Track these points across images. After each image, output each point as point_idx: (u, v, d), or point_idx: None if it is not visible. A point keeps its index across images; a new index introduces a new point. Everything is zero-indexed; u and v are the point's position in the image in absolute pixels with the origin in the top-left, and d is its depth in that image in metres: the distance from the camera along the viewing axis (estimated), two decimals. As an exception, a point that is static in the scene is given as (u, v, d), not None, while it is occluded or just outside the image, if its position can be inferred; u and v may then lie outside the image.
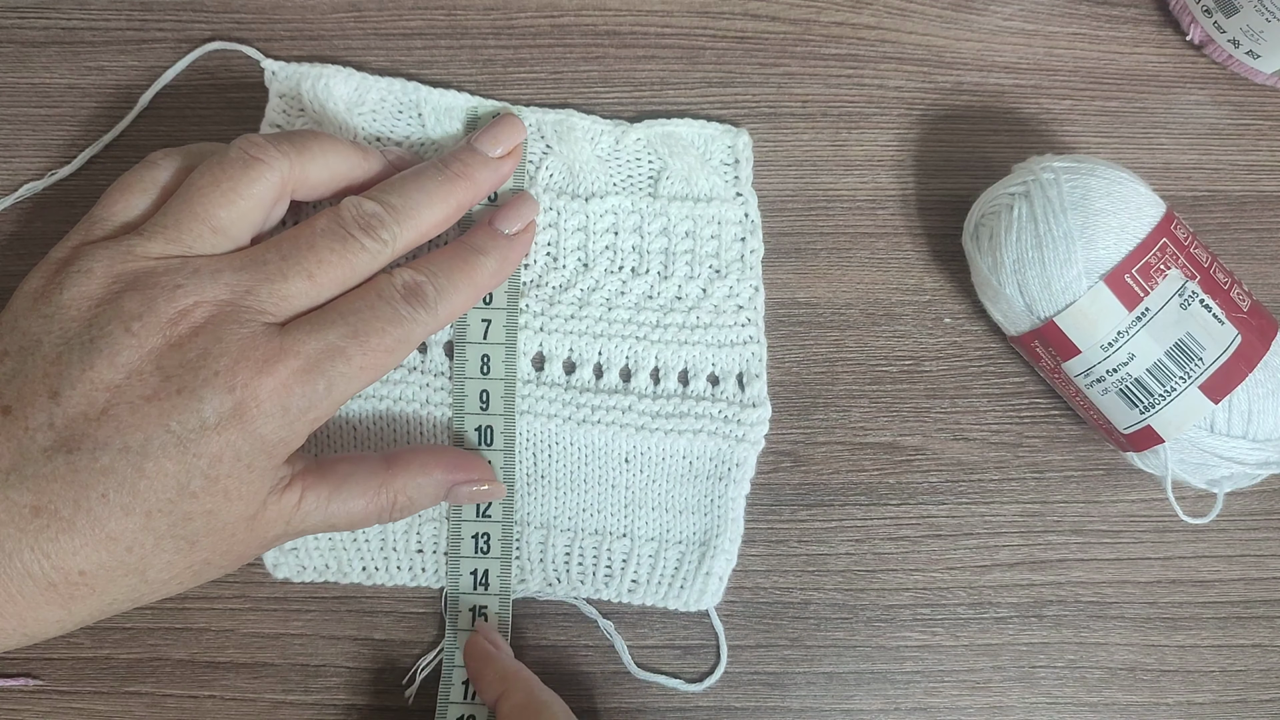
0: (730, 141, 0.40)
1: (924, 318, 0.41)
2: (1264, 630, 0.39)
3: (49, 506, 0.27)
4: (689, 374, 0.39)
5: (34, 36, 0.41)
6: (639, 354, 0.39)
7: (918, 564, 0.39)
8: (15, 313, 0.30)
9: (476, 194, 0.36)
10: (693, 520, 0.38)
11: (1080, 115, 0.43)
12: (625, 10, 0.42)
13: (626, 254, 0.39)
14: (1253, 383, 0.35)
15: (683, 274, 0.39)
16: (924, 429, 0.40)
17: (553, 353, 0.38)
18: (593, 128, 0.39)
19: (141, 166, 0.33)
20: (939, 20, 0.43)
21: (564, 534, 0.38)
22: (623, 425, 0.38)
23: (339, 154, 0.34)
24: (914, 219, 0.41)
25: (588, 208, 0.39)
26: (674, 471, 0.38)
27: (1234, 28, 0.41)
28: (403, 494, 0.34)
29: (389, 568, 0.37)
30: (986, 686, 0.38)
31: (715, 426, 0.38)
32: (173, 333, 0.29)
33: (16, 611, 0.28)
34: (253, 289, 0.30)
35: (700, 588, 0.38)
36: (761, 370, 0.39)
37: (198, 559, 0.30)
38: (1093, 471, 0.40)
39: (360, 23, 0.42)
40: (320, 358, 0.30)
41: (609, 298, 0.39)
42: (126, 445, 0.28)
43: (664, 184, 0.40)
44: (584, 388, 0.38)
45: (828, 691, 0.38)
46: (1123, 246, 0.35)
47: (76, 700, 0.37)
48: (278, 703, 0.37)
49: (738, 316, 0.39)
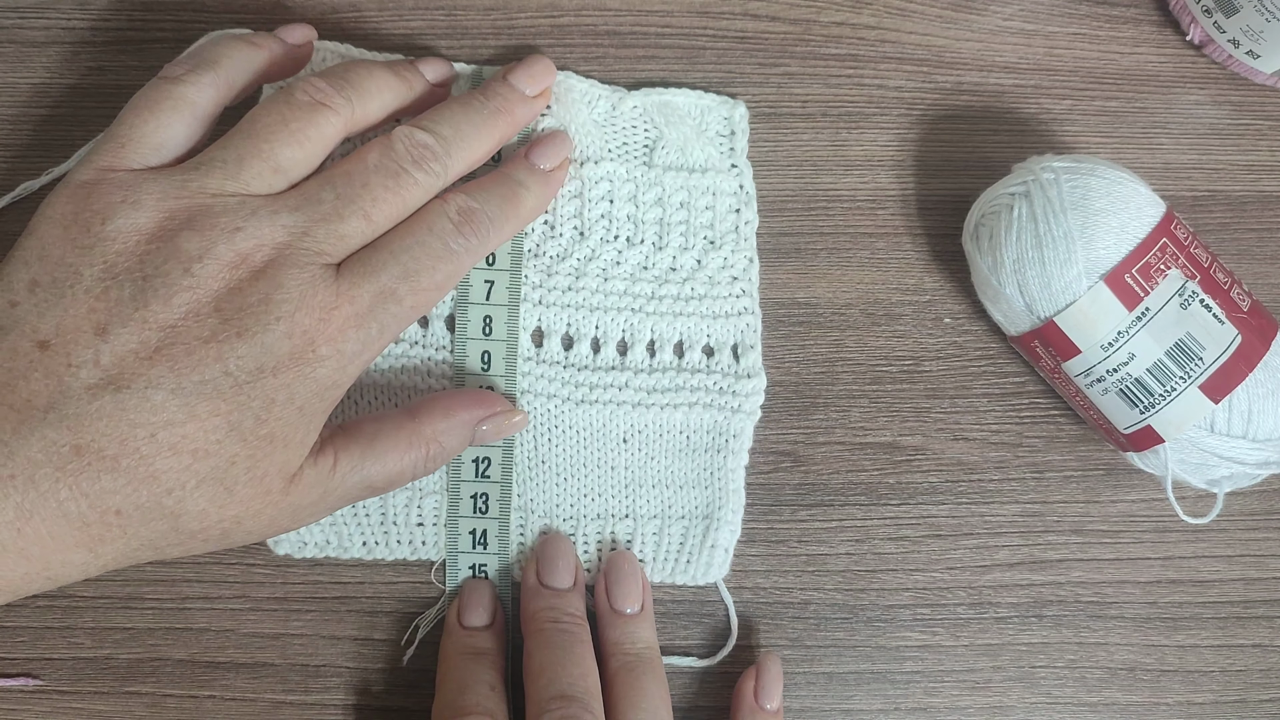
0: (726, 113, 0.41)
1: (924, 318, 0.41)
2: (1264, 630, 0.39)
3: (92, 445, 0.27)
4: (684, 345, 0.39)
5: (34, 36, 0.41)
6: (635, 326, 0.39)
7: (918, 564, 0.39)
8: (42, 240, 0.29)
9: (515, 129, 0.36)
10: (694, 494, 0.38)
11: (1080, 115, 0.43)
12: (625, 10, 0.42)
13: (621, 223, 0.39)
14: (1253, 383, 0.35)
15: (677, 245, 0.39)
16: (924, 429, 0.40)
17: (551, 327, 0.38)
18: (590, 91, 0.40)
19: (165, 82, 0.32)
20: (939, 20, 0.43)
21: (567, 522, 0.38)
22: (619, 403, 0.38)
23: (391, 89, 0.35)
24: (914, 219, 0.41)
25: (583, 173, 0.39)
26: (672, 447, 0.38)
27: (1234, 28, 0.41)
28: (435, 442, 0.34)
29: (389, 542, 0.37)
30: (986, 686, 0.38)
31: (711, 399, 0.38)
32: (232, 276, 0.29)
33: (44, 554, 0.27)
34: (310, 230, 0.30)
35: (707, 560, 0.38)
36: (756, 341, 0.39)
37: (229, 514, 0.29)
38: (1093, 471, 0.40)
39: (360, 23, 0.42)
40: (375, 302, 0.30)
41: (605, 268, 0.39)
42: (180, 385, 0.28)
43: (659, 153, 0.40)
44: (582, 364, 0.38)
45: (828, 691, 0.38)
46: (1123, 246, 0.35)
47: (76, 700, 0.37)
48: (278, 703, 0.37)
49: (732, 287, 0.39)
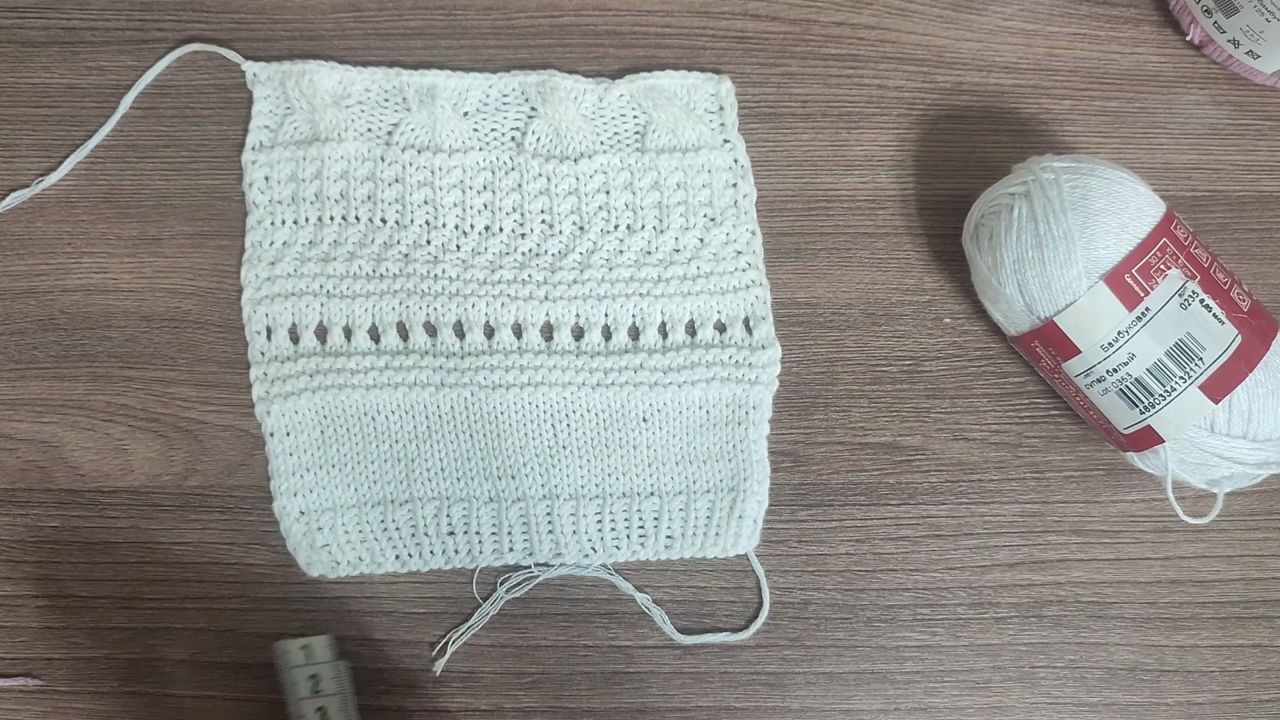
0: (713, 89, 0.41)
1: (924, 318, 0.41)
2: (1264, 630, 0.39)
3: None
4: (695, 324, 0.39)
5: (34, 36, 0.41)
6: (644, 310, 0.39)
7: (918, 564, 0.39)
8: None
9: None
10: (718, 468, 0.38)
11: (1080, 115, 0.43)
12: (625, 10, 0.42)
13: (620, 212, 0.39)
14: (1253, 383, 0.35)
15: (678, 225, 0.39)
16: (924, 429, 0.40)
17: (560, 320, 0.39)
18: (575, 87, 0.40)
19: None
20: (939, 20, 0.43)
21: (593, 501, 0.38)
22: (636, 384, 0.38)
23: None
24: (914, 219, 0.41)
25: (577, 169, 0.39)
26: (693, 423, 0.38)
27: (1234, 28, 0.41)
28: None
29: (422, 553, 0.37)
30: (986, 686, 0.38)
31: (727, 372, 0.38)
32: None
33: None
34: None
35: (735, 532, 0.38)
36: (767, 312, 0.39)
37: None
38: (1093, 471, 0.40)
39: (360, 23, 0.42)
40: None
41: (609, 258, 0.39)
42: None
43: (651, 137, 0.40)
44: (594, 351, 0.38)
45: (828, 691, 0.38)
46: (1123, 246, 0.35)
47: (76, 700, 0.37)
48: (278, 702, 0.37)
49: (737, 261, 0.39)
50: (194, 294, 0.39)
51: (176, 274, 0.39)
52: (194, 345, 0.39)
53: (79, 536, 0.37)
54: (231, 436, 0.38)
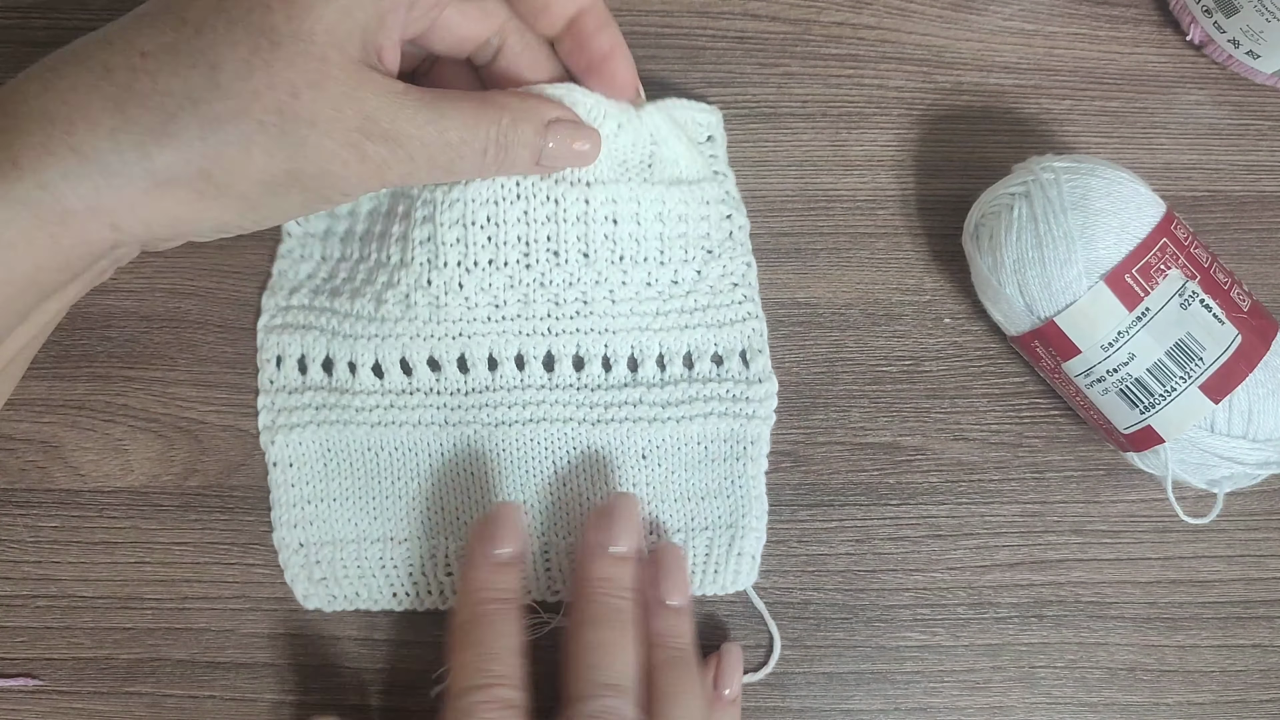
0: (704, 119, 0.40)
1: (924, 318, 0.41)
2: (1264, 630, 0.39)
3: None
4: (693, 357, 0.39)
5: (35, 36, 0.41)
6: (643, 343, 0.38)
7: (918, 564, 0.39)
8: None
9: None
10: (716, 504, 0.38)
11: (1080, 115, 0.43)
12: (625, 10, 0.42)
13: (625, 242, 0.38)
14: (1253, 383, 0.35)
15: (678, 258, 0.39)
16: (924, 429, 0.40)
17: (561, 352, 0.38)
18: (596, 107, 0.36)
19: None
20: (939, 20, 0.43)
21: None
22: (636, 420, 0.38)
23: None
24: (914, 219, 0.41)
25: (589, 193, 0.37)
26: (691, 459, 0.38)
27: (1234, 28, 0.41)
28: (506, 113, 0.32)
29: (419, 593, 0.37)
30: (986, 686, 0.38)
31: (725, 407, 0.38)
32: None
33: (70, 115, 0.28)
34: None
35: (734, 569, 0.38)
36: (764, 345, 0.39)
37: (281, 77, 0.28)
38: (1093, 471, 0.40)
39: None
40: None
41: (612, 290, 0.38)
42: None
43: (658, 168, 0.38)
44: (594, 385, 0.38)
45: (828, 691, 0.38)
46: (1123, 246, 0.35)
47: (76, 700, 0.36)
48: (278, 703, 0.37)
49: (734, 294, 0.39)
50: (194, 294, 0.39)
51: (176, 274, 0.39)
52: (194, 345, 0.39)
53: (79, 536, 0.37)
54: (231, 436, 0.38)
